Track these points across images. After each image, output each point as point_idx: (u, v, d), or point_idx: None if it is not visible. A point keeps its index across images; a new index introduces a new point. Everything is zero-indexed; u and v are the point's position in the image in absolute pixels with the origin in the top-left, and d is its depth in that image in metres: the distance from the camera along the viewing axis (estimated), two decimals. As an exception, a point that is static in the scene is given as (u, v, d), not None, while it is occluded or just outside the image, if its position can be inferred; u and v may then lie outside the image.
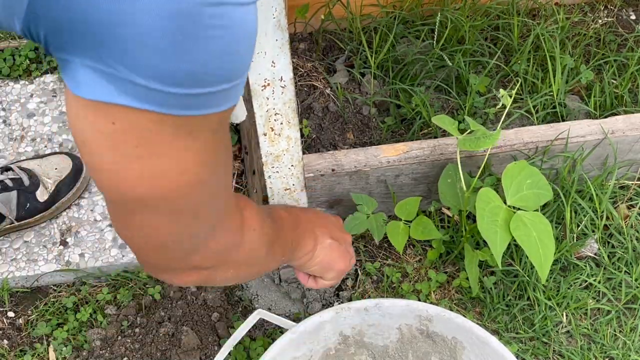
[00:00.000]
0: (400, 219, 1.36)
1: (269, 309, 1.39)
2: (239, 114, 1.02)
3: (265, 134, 1.08)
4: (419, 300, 1.39)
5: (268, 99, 1.03)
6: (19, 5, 0.54)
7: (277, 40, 0.95)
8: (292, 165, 1.15)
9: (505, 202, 1.26)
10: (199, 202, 0.68)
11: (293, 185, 1.18)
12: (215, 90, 0.60)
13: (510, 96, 1.27)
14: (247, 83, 1.01)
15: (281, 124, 1.07)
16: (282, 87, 1.01)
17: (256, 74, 0.99)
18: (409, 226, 1.36)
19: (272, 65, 0.98)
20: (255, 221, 0.84)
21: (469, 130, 1.31)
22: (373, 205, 1.37)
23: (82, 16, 0.53)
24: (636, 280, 1.41)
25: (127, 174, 0.62)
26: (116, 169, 0.62)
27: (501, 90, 1.28)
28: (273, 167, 1.14)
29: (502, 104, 1.30)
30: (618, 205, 1.50)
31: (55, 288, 1.42)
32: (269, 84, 1.01)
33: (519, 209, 1.26)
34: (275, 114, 1.05)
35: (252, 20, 0.60)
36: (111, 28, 0.53)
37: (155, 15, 0.53)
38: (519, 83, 1.57)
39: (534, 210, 1.26)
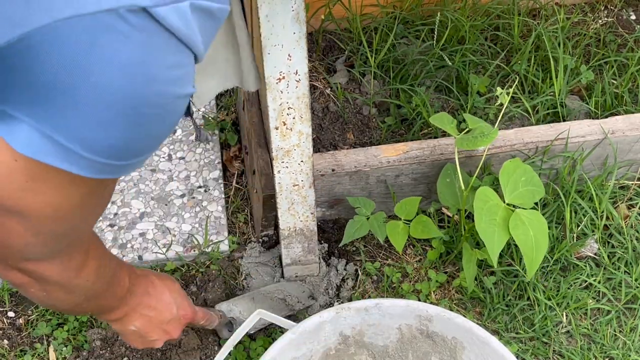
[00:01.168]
0: (400, 219, 1.37)
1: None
2: (250, 83, 1.01)
3: (277, 128, 1.08)
4: (419, 300, 1.39)
5: (282, 92, 1.02)
6: None
7: (294, 33, 0.94)
8: (302, 161, 1.14)
9: (503, 201, 1.26)
10: (52, 232, 0.75)
11: (302, 181, 1.18)
12: (123, 163, 0.67)
13: (508, 94, 1.27)
14: (262, 73, 1.01)
15: (293, 118, 1.07)
16: (296, 80, 1.01)
17: (272, 66, 0.99)
18: (409, 225, 1.36)
19: (288, 59, 0.98)
20: (93, 274, 0.89)
21: (466, 129, 1.31)
22: (371, 206, 1.37)
23: (27, 76, 0.59)
24: (636, 280, 1.41)
25: (10, 189, 0.67)
26: (3, 185, 0.68)
27: (498, 88, 1.29)
28: (283, 162, 1.14)
29: (502, 104, 1.30)
30: (618, 205, 1.50)
31: (55, 288, 1.42)
32: (284, 77, 1.00)
33: (516, 206, 1.26)
34: (288, 108, 1.05)
35: (180, 111, 0.67)
36: (55, 94, 0.59)
37: (95, 97, 0.59)
38: (517, 80, 1.57)
39: (531, 208, 1.27)
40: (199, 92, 1.02)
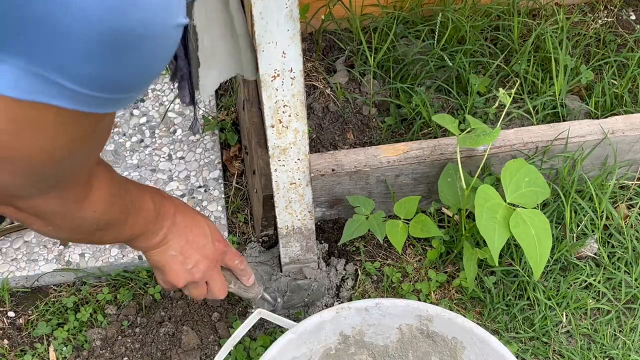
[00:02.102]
0: (400, 218, 1.37)
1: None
2: (249, 72, 1.00)
3: (272, 126, 1.08)
4: (419, 300, 1.39)
5: (277, 90, 1.02)
6: None
7: (288, 30, 0.94)
8: (298, 159, 1.14)
9: (504, 200, 1.26)
10: (43, 172, 0.73)
11: (299, 179, 1.18)
12: (112, 97, 0.66)
13: (510, 95, 1.27)
14: (257, 70, 1.01)
15: (289, 116, 1.07)
16: (291, 78, 1.01)
17: (266, 64, 0.99)
18: (408, 225, 1.36)
19: (282, 56, 0.98)
20: (100, 204, 0.86)
21: (468, 129, 1.31)
22: (370, 205, 1.37)
23: (11, 13, 0.58)
24: (636, 280, 1.41)
25: None
26: None
27: (500, 89, 1.29)
28: (279, 160, 1.14)
29: (503, 104, 1.30)
30: (618, 205, 1.50)
31: (55, 288, 1.42)
32: (278, 75, 1.00)
33: (517, 206, 1.26)
34: (283, 106, 1.05)
35: (172, 45, 0.65)
36: (42, 28, 0.58)
37: (86, 31, 0.58)
38: (518, 83, 1.57)
39: (533, 208, 1.27)
40: (203, 84, 1.02)
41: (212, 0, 0.98)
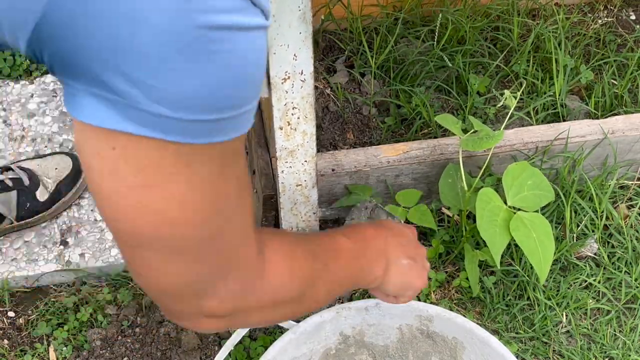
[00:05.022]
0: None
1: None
2: (263, 90, 1.00)
3: (281, 128, 1.08)
4: (419, 300, 1.39)
5: (287, 92, 1.02)
6: (24, 29, 0.54)
7: (300, 33, 0.94)
8: (305, 161, 1.14)
9: (505, 203, 1.26)
10: (199, 243, 0.63)
11: (305, 181, 1.18)
12: (220, 117, 0.58)
13: (515, 97, 1.27)
14: (267, 70, 1.01)
15: (298, 118, 1.07)
16: (302, 80, 1.01)
17: (277, 66, 0.98)
18: (408, 212, 1.37)
19: (293, 58, 0.97)
20: (283, 266, 0.75)
21: (472, 130, 1.31)
22: (369, 191, 1.37)
23: (84, 44, 0.53)
24: (636, 280, 1.41)
25: (124, 205, 0.60)
26: (115, 198, 0.60)
27: (506, 91, 1.28)
28: (287, 162, 1.13)
29: (504, 105, 1.30)
30: (618, 205, 1.50)
31: (55, 288, 1.42)
32: (289, 77, 1.00)
33: (519, 209, 1.26)
34: (293, 108, 1.05)
35: (259, 46, 0.58)
36: (113, 54, 0.53)
37: (156, 41, 0.52)
38: (522, 85, 1.57)
39: (534, 211, 1.26)
40: None
41: None
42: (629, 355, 1.34)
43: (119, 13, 0.51)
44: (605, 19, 1.81)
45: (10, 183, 1.41)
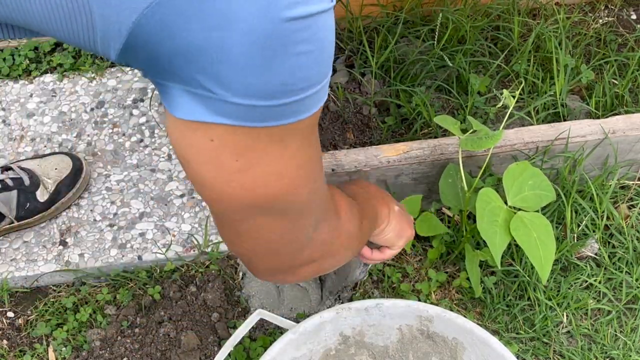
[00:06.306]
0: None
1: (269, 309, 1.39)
2: None
3: None
4: (419, 300, 1.39)
5: None
6: (117, 39, 0.58)
7: None
8: None
9: (506, 203, 1.25)
10: (301, 202, 0.72)
11: None
12: (305, 95, 0.63)
13: (514, 97, 1.27)
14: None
15: None
16: None
17: None
18: (414, 223, 1.36)
19: None
20: (344, 204, 0.87)
21: (471, 130, 1.31)
22: None
23: (177, 48, 0.57)
24: (637, 280, 1.41)
25: (230, 187, 0.67)
26: (219, 183, 0.67)
27: (504, 91, 1.28)
28: None
29: (504, 104, 1.30)
30: (619, 205, 1.49)
31: (54, 288, 1.41)
32: None
33: (519, 209, 1.25)
34: None
35: (333, 21, 0.63)
36: (204, 55, 0.57)
37: (244, 39, 0.57)
38: (521, 84, 1.57)
39: (535, 211, 1.26)
40: None
41: None
42: (630, 356, 1.34)
43: (215, 9, 0.55)
44: (606, 18, 1.81)
45: (10, 183, 1.41)
